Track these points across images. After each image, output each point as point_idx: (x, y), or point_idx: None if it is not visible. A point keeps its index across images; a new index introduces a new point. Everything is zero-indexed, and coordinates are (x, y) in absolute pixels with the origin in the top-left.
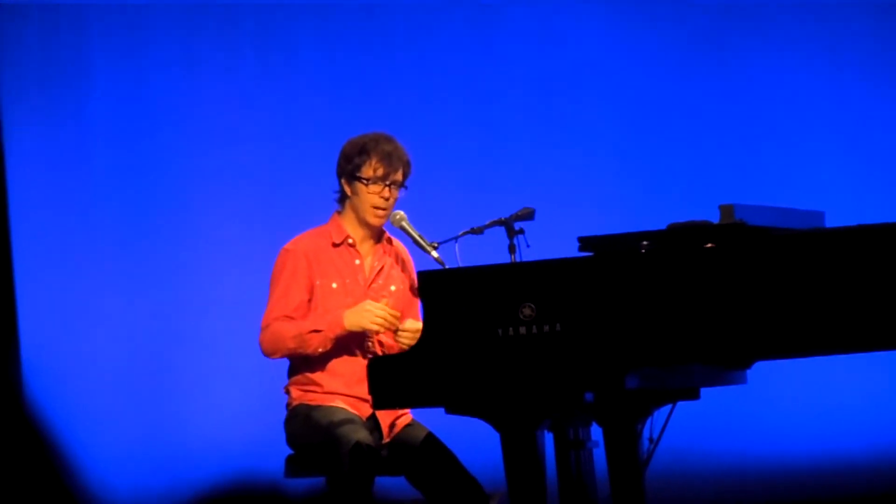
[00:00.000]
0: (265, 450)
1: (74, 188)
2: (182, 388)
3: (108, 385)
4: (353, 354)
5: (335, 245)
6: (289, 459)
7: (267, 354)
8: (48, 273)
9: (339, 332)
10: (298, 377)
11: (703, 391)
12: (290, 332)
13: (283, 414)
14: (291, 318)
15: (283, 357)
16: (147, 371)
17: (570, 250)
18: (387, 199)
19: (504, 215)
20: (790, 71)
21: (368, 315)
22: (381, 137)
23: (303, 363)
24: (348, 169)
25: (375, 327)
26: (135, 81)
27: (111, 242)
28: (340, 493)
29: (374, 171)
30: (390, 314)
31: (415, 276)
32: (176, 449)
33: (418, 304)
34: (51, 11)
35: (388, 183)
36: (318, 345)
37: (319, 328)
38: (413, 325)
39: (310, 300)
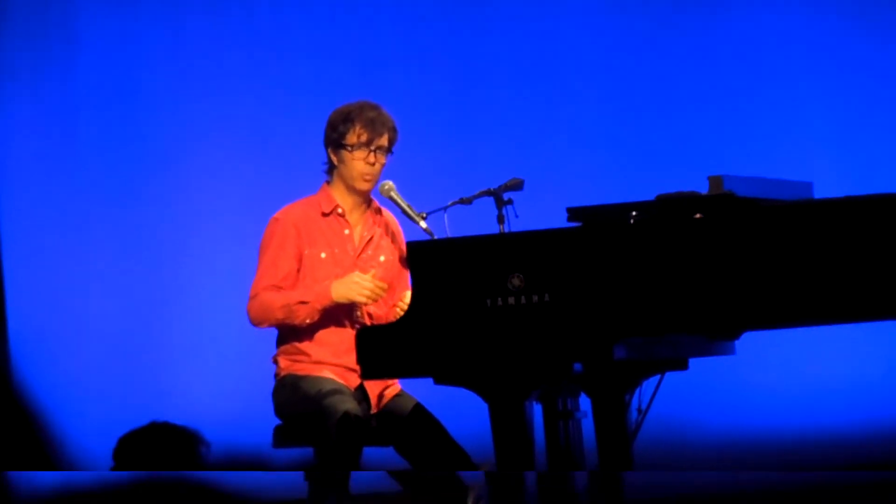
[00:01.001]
0: (253, 420)
1: (61, 155)
2: (170, 357)
3: (95, 354)
4: (341, 325)
5: (325, 214)
6: (277, 429)
7: (255, 323)
8: (35, 244)
9: (326, 303)
10: (287, 347)
11: (692, 362)
12: (278, 302)
13: (272, 384)
14: (280, 287)
15: (270, 326)
16: (134, 338)
17: (559, 221)
18: (372, 165)
19: (493, 185)
20: (779, 39)
21: (356, 287)
22: (365, 105)
23: (291, 333)
24: (334, 137)
25: (363, 299)
26: (121, 44)
27: (99, 212)
28: (328, 463)
29: (359, 137)
30: (378, 286)
31: (404, 247)
32: (164, 418)
33: (408, 274)
34: None
35: (372, 148)
36: (305, 316)
37: (307, 300)
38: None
39: (298, 269)
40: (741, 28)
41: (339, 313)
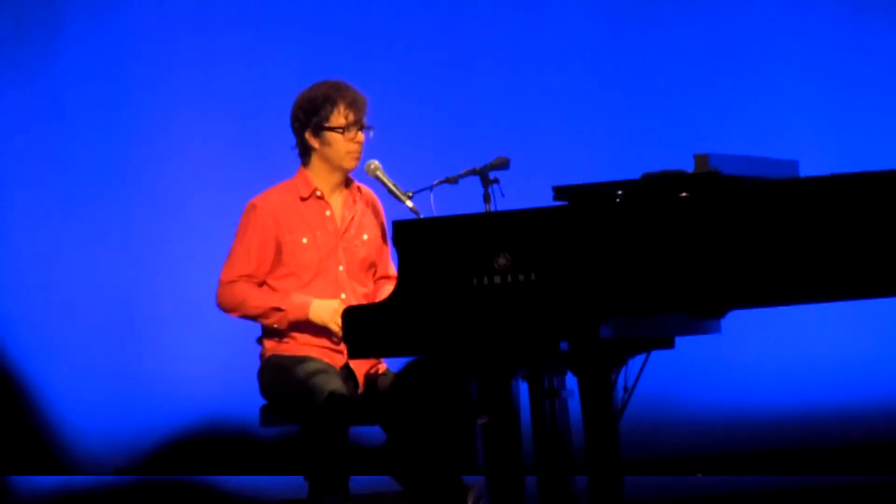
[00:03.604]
0: (240, 399)
1: (46, 140)
2: (155, 338)
3: (80, 332)
4: None
5: (303, 199)
6: (263, 409)
7: (225, 310)
8: (21, 221)
9: (300, 316)
10: (272, 328)
11: (678, 340)
12: (254, 300)
13: (257, 364)
14: (253, 276)
15: (239, 317)
16: (121, 319)
17: (545, 200)
18: (360, 143)
19: (479, 164)
20: (763, 15)
21: (335, 316)
22: (339, 84)
23: None
24: (315, 121)
25: (337, 328)
26: (105, 34)
27: (84, 190)
28: (315, 443)
29: (346, 118)
30: None
31: (384, 220)
32: (149, 397)
33: (389, 249)
34: None
35: (359, 127)
36: (276, 321)
37: (283, 307)
38: None
39: (276, 257)
40: (729, 7)
41: (325, 297)
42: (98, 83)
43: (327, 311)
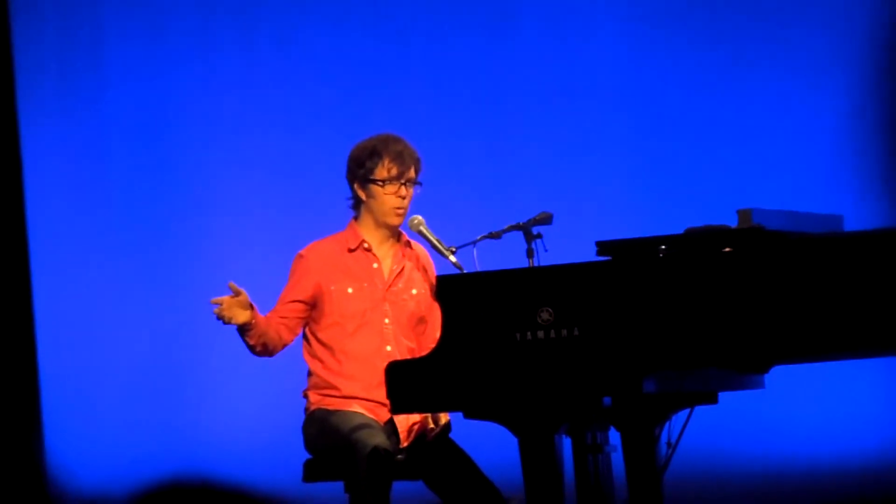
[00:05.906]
0: (283, 454)
1: (91, 183)
2: (200, 391)
3: (123, 385)
4: (372, 360)
5: (351, 250)
6: (307, 464)
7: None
8: (64, 270)
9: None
10: (317, 381)
11: (721, 395)
12: None
13: (302, 418)
14: (276, 311)
15: (261, 354)
16: (164, 372)
17: (588, 255)
18: (403, 198)
19: (522, 220)
20: (808, 72)
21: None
22: (388, 138)
23: (321, 368)
24: (360, 173)
25: (219, 316)
26: (151, 74)
27: (127, 240)
28: (358, 497)
29: (389, 171)
30: (224, 304)
31: (434, 281)
32: (193, 452)
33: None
34: (67, 3)
35: (403, 181)
36: (247, 340)
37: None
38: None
39: (314, 305)
40: (771, 60)
41: (370, 349)
42: (142, 132)
43: None
